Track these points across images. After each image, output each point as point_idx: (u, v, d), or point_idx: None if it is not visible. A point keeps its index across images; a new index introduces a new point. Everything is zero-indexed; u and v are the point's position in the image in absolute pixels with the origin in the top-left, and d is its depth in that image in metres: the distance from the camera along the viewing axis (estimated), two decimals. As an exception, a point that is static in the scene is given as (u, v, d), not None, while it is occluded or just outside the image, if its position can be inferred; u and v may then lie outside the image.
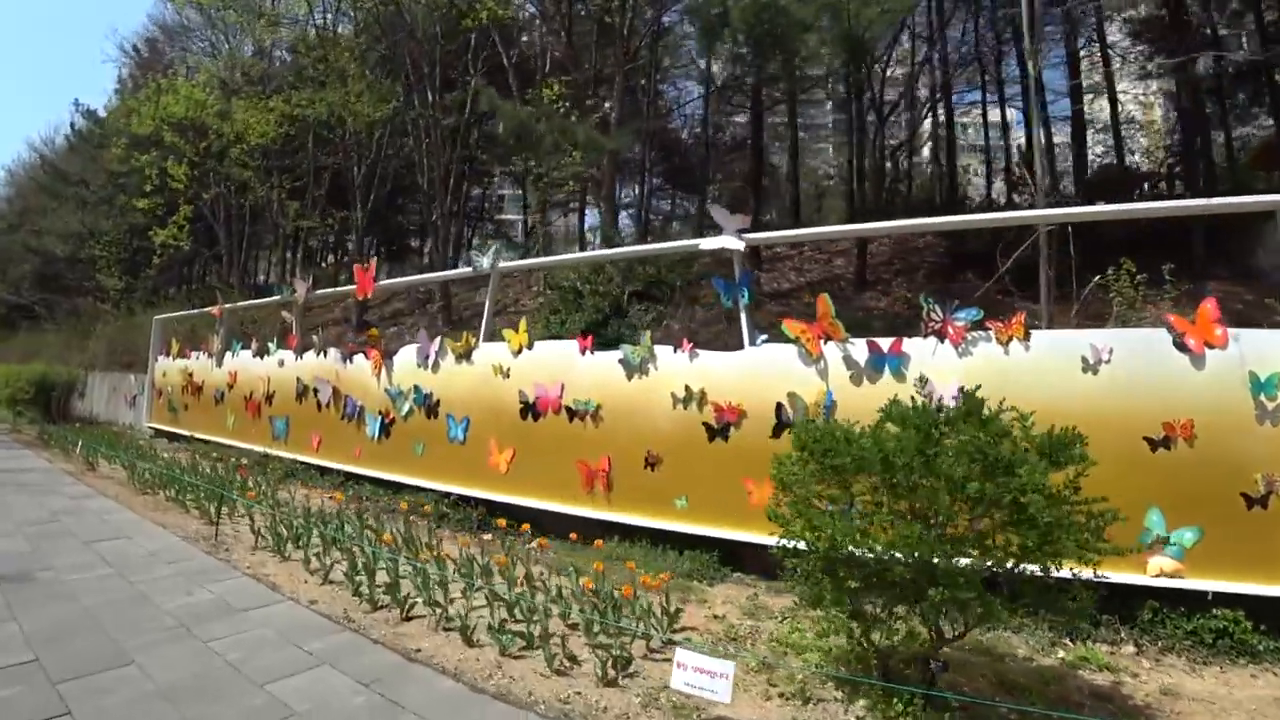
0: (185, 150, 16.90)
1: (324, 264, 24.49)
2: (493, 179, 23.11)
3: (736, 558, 6.42)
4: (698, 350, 7.08)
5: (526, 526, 7.05)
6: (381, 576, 5.72)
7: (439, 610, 5.05)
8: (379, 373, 10.00)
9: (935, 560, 3.49)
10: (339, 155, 17.36)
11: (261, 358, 12.46)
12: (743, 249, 7.14)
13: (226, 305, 13.69)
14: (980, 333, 5.99)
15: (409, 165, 19.86)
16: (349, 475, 10.16)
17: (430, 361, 9.41)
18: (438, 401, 9.23)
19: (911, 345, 6.13)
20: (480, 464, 8.44)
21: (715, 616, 5.37)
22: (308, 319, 18.65)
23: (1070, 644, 5.03)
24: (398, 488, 9.34)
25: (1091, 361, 5.58)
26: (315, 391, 10.96)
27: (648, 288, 11.90)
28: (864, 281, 11.79)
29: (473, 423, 8.73)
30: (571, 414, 7.73)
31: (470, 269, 9.50)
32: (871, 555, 3.61)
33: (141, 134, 17.32)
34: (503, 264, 9.32)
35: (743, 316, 6.95)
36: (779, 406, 6.36)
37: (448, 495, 8.53)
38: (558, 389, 7.91)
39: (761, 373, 6.55)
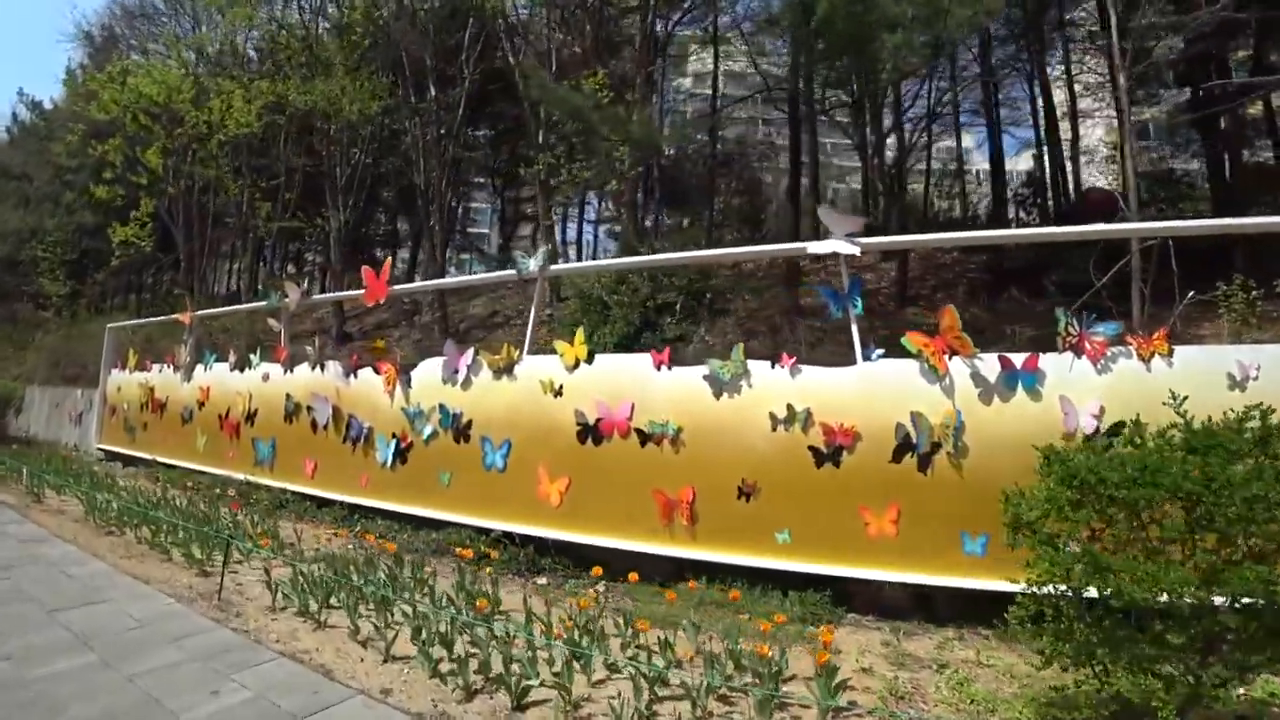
0: (158, 135, 14.88)
1: (282, 273, 22.43)
2: (468, 189, 21.43)
3: (846, 597, 5.67)
4: (800, 365, 6.13)
5: (598, 570, 5.88)
6: (458, 646, 4.31)
7: (564, 697, 3.68)
8: (392, 389, 8.50)
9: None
10: (321, 154, 15.57)
11: (241, 371, 10.72)
12: (857, 254, 6.32)
13: (197, 312, 11.84)
14: (1119, 348, 5.43)
15: (387, 171, 18.27)
16: (353, 508, 8.62)
17: (460, 377, 7.98)
18: (469, 423, 7.81)
19: (1047, 361, 5.50)
20: (526, 495, 7.14)
21: (863, 669, 4.41)
22: (261, 328, 16.80)
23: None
24: (418, 523, 7.90)
25: (1239, 377, 5.05)
26: (310, 410, 9.34)
27: (678, 299, 10.68)
28: (905, 296, 10.86)
29: (515, 447, 7.39)
30: (645, 437, 6.58)
31: (514, 273, 8.13)
32: (1184, 601, 3.00)
33: (102, 120, 15.19)
34: (554, 268, 7.98)
35: (853, 329, 6.07)
36: (899, 428, 5.61)
37: (485, 532, 7.17)
38: (626, 409, 6.73)
39: (877, 391, 5.81)
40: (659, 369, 6.75)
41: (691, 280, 11.09)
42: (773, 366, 6.20)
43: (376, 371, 8.77)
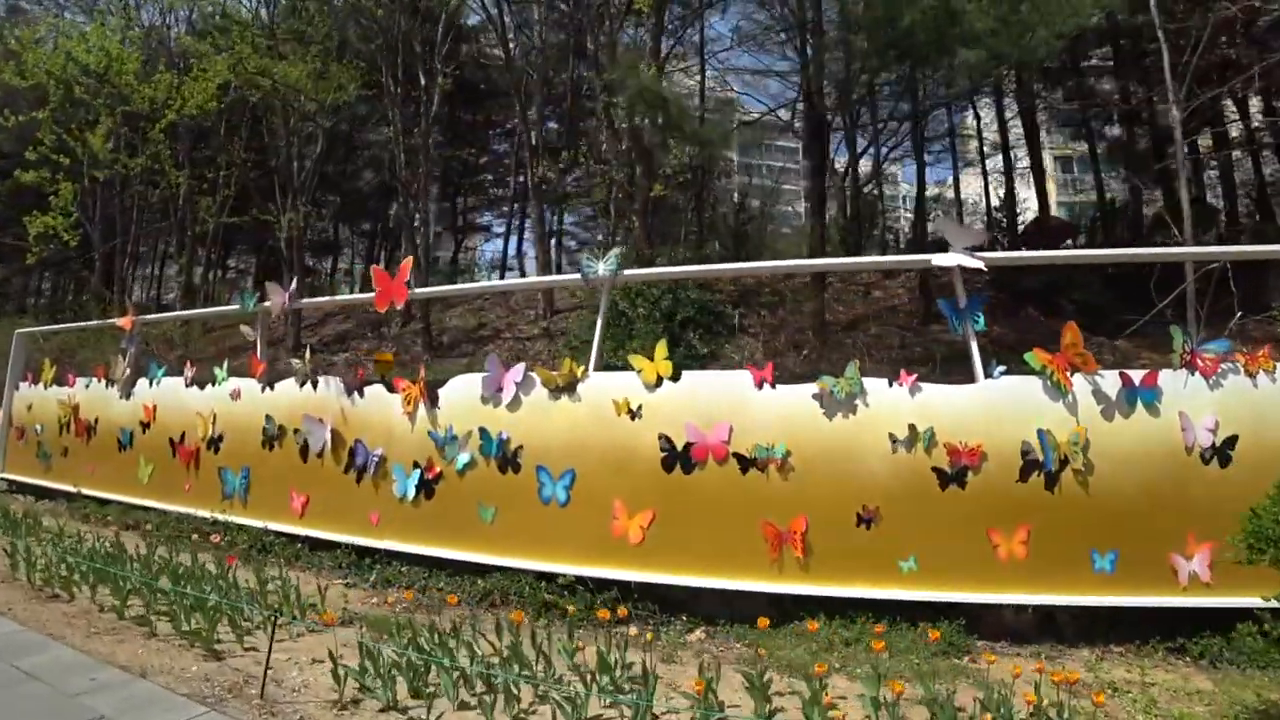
0: (101, 110, 12.33)
1: (215, 277, 19.68)
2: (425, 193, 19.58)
3: (974, 624, 5.29)
4: (920, 384, 5.60)
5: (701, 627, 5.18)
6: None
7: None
8: (413, 410, 6.99)
9: None
10: (271, 148, 13.47)
11: (201, 388, 8.76)
12: (983, 268, 6.02)
13: (141, 316, 9.71)
14: (1229, 364, 5.46)
15: (337, 171, 16.26)
16: (361, 551, 7.02)
17: (506, 396, 6.65)
18: (519, 449, 6.50)
19: (1164, 378, 5.43)
20: (596, 532, 6.02)
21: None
22: (208, 339, 14.49)
23: None
24: (453, 567, 6.53)
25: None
26: (297, 435, 7.62)
27: (698, 315, 9.63)
28: (929, 314, 10.25)
29: (581, 477, 6.19)
30: (746, 463, 5.73)
31: (579, 277, 6.84)
32: None
33: (20, 86, 12.46)
34: (628, 273, 6.78)
35: (973, 345, 5.74)
36: (1025, 446, 5.35)
37: (544, 577, 6.03)
38: (723, 432, 5.83)
39: (1002, 408, 5.50)
40: (759, 387, 5.91)
41: (715, 296, 10.04)
42: (890, 385, 5.70)
43: (391, 389, 7.22)
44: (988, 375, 5.60)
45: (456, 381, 7.02)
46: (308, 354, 7.83)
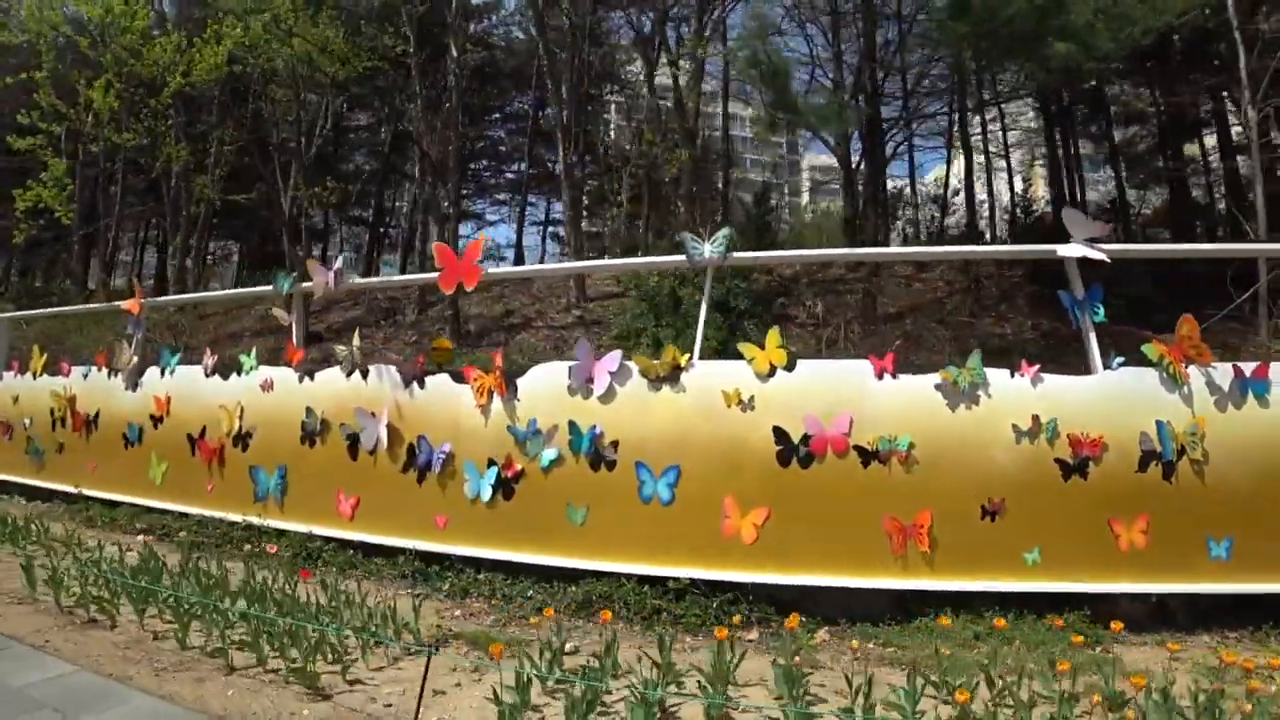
0: (108, 67, 10.81)
1: (200, 263, 18.04)
2: (408, 180, 18.09)
3: (1095, 613, 5.13)
4: (1042, 374, 5.41)
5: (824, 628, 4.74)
6: None
7: None
8: (487, 403, 6.14)
9: None
10: (288, 119, 12.19)
11: (225, 377, 7.72)
12: (1106, 259, 5.67)
13: (150, 299, 8.55)
14: None
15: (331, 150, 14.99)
16: (427, 557, 6.16)
17: (599, 387, 5.92)
18: (615, 444, 5.79)
19: (1275, 371, 5.32)
20: (705, 532, 5.47)
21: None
22: (202, 325, 13.16)
23: None
24: (537, 573, 5.84)
25: None
26: (343, 429, 6.70)
27: (752, 305, 8.98)
28: (977, 306, 9.76)
29: (687, 473, 5.57)
30: (867, 456, 5.34)
31: (685, 258, 6.10)
32: None
33: (10, 43, 10.87)
34: (736, 255, 6.12)
35: (1091, 337, 5.55)
36: (1143, 436, 5.24)
37: (648, 581, 5.46)
38: (844, 424, 5.37)
39: (1120, 399, 5.38)
40: (880, 376, 5.49)
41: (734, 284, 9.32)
42: (1012, 376, 5.46)
43: (458, 379, 6.36)
44: (1106, 367, 5.43)
45: (538, 371, 6.21)
46: (356, 340, 6.87)
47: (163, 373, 8.22)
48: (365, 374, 6.80)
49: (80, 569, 5.53)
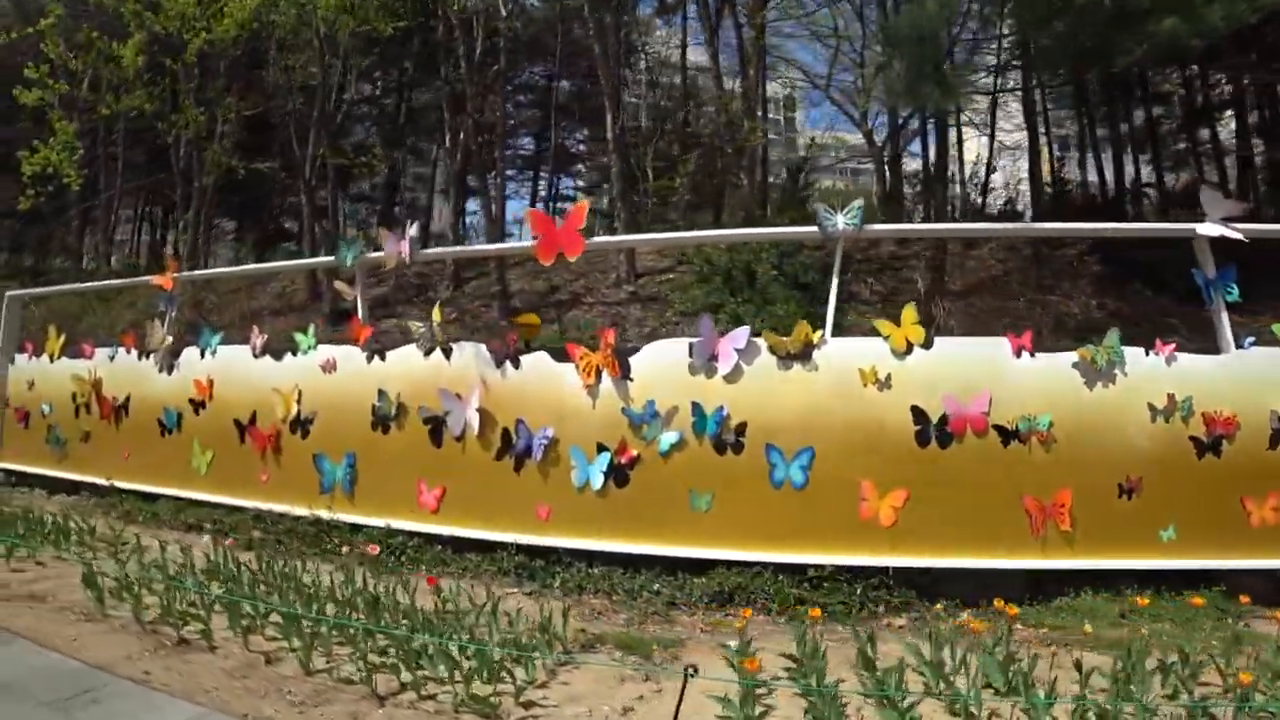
0: (128, 18, 9.39)
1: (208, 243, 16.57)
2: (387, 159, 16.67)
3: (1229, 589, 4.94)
4: (1176, 353, 5.20)
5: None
6: None
7: None
8: (595, 383, 5.41)
9: None
10: (305, 82, 10.95)
11: (277, 358, 6.83)
12: (1243, 239, 5.30)
13: (185, 273, 7.52)
14: None
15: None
16: (527, 551, 5.44)
17: (724, 365, 5.28)
18: (742, 426, 5.18)
19: None
20: (841, 516, 5.06)
21: None
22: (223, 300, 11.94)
23: None
24: (659, 565, 5.22)
25: None
26: (423, 412, 5.92)
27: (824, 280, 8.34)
28: (1041, 285, 9.29)
29: (820, 456, 5.08)
30: (1007, 435, 5.04)
31: (816, 230, 5.43)
32: None
33: None
34: (870, 228, 5.49)
35: (1223, 315, 5.34)
36: (1273, 414, 5.08)
37: (785, 570, 4.99)
38: (983, 402, 5.03)
39: (1252, 378, 5.21)
40: (1018, 354, 5.16)
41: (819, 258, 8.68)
42: (1147, 354, 5.23)
43: (559, 358, 5.61)
44: (1239, 346, 5.24)
45: (654, 348, 5.53)
46: (436, 315, 6.03)
47: (203, 353, 7.27)
48: (447, 352, 5.99)
49: (145, 575, 4.70)
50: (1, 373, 8.58)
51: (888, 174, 12.64)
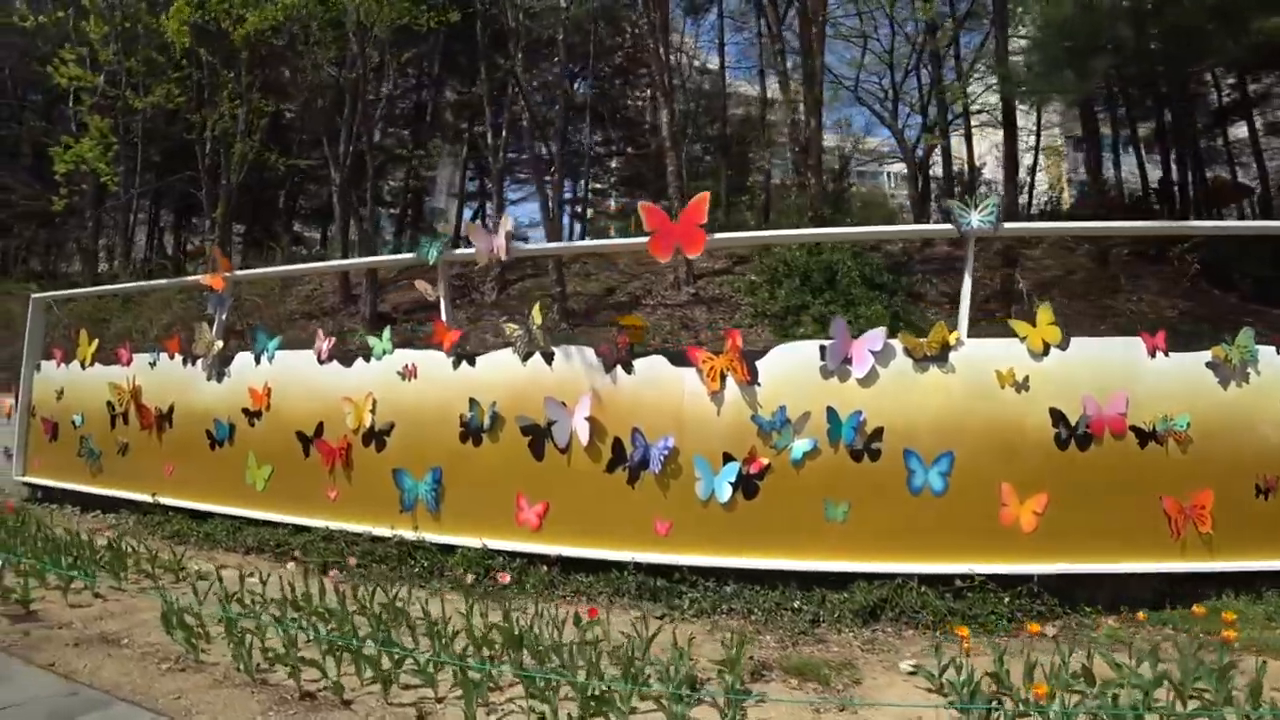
0: None
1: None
2: (427, 156, 15.78)
3: None
4: None
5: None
6: None
7: None
8: (720, 388, 4.87)
9: None
10: (344, 76, 10.03)
11: (346, 363, 6.11)
12: None
13: (234, 273, 6.71)
14: None
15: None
16: (650, 569, 4.87)
17: (859, 368, 4.85)
18: (879, 431, 4.77)
19: None
20: (981, 522, 4.70)
21: None
22: (189, 308, 10.88)
23: None
24: (795, 581, 4.74)
25: None
26: (521, 421, 5.30)
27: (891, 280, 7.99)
28: (1111, 286, 9.02)
29: (959, 461, 4.71)
30: (1144, 437, 4.78)
31: (950, 227, 4.99)
32: None
33: None
34: (1009, 226, 5.06)
35: None
36: None
37: (926, 580, 4.60)
38: (1120, 403, 4.75)
39: None
40: (1153, 354, 4.88)
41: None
42: (1278, 352, 4.92)
43: (678, 362, 5.05)
44: None
45: (782, 351, 5.01)
46: (536, 315, 5.40)
47: (258, 359, 6.51)
48: (548, 357, 5.36)
49: (245, 612, 4.00)
50: (27, 381, 7.62)
51: (917, 175, 12.34)
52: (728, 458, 4.87)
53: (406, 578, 5.21)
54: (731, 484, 4.85)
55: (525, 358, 5.46)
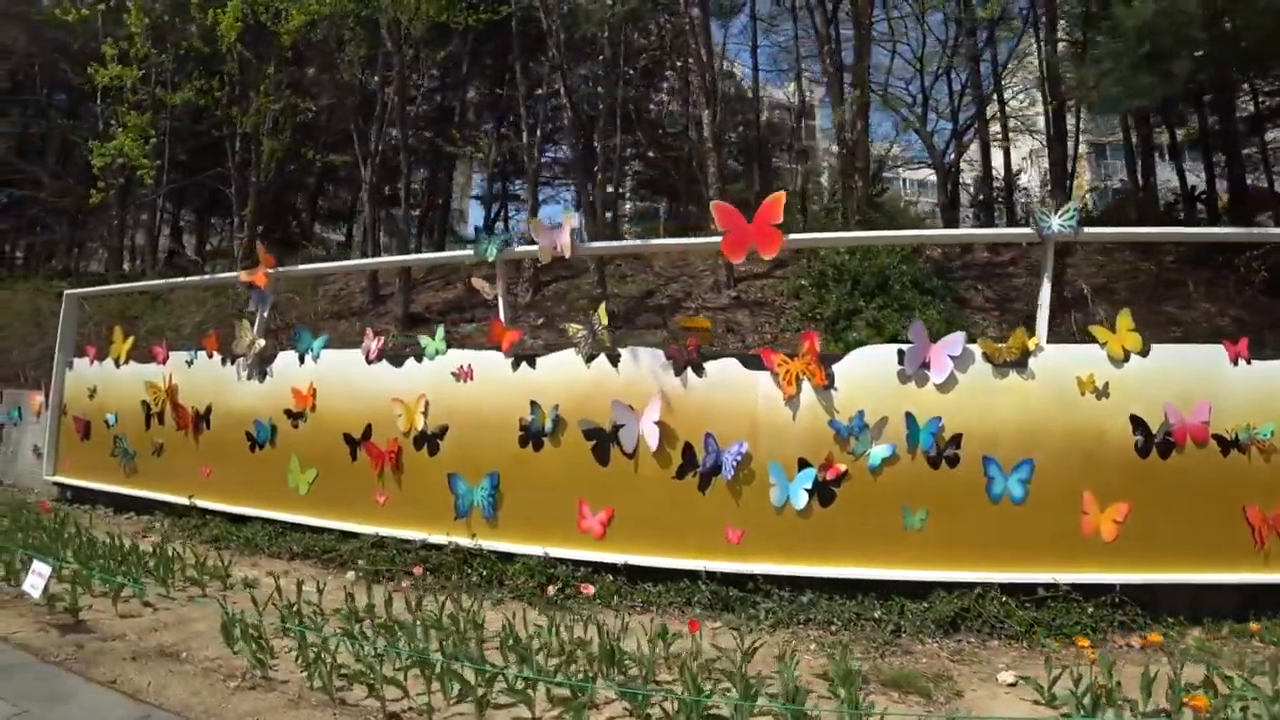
0: None
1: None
2: (452, 157, 15.35)
3: None
4: None
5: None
6: None
7: None
8: (796, 392, 4.65)
9: None
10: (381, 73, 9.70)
11: (397, 363, 5.84)
12: None
13: (278, 269, 6.40)
14: None
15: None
16: (722, 578, 4.65)
17: (938, 374, 4.64)
18: (958, 438, 4.60)
19: None
20: (1061, 531, 4.56)
21: None
22: (211, 309, 10.52)
23: None
24: (871, 590, 4.55)
25: None
26: (583, 425, 5.08)
27: (941, 286, 7.83)
28: (1158, 295, 8.85)
29: (1039, 468, 4.56)
30: (1226, 445, 4.60)
31: (1029, 230, 4.82)
32: None
33: None
34: (1088, 230, 4.92)
35: None
36: None
37: (1017, 590, 4.42)
38: (1203, 411, 4.62)
39: None
40: (1235, 362, 4.71)
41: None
42: None
43: (751, 365, 4.84)
44: None
45: (860, 354, 4.83)
46: (601, 316, 5.16)
47: (302, 358, 6.22)
48: (614, 359, 5.12)
49: (294, 624, 3.73)
50: (59, 379, 7.27)
51: (948, 182, 12.16)
52: (803, 464, 4.67)
53: (465, 587, 4.95)
54: (808, 491, 4.65)
55: (589, 359, 5.22)
